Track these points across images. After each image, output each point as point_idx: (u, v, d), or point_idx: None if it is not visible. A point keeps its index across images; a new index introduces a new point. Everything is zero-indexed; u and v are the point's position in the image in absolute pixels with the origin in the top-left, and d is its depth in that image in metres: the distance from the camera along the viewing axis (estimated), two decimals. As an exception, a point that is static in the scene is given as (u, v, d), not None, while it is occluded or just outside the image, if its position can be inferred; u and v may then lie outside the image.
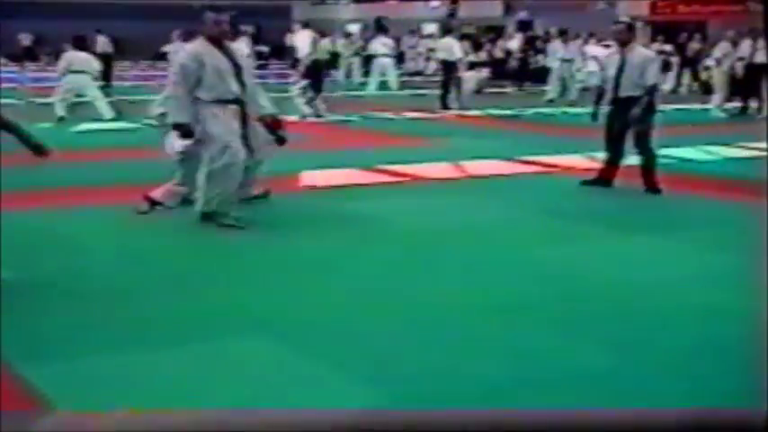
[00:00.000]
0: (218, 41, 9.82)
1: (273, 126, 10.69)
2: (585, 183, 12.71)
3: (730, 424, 5.14)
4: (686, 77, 33.05)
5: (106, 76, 31.54)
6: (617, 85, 12.11)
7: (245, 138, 9.88)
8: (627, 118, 11.99)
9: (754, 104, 23.84)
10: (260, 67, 39.26)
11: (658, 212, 11.44)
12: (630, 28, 12.65)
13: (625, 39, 12.29)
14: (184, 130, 9.68)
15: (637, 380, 6.01)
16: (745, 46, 24.60)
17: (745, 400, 5.56)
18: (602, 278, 8.42)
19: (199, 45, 9.94)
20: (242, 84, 9.91)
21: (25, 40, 47.22)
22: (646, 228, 10.41)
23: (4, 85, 28.45)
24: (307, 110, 21.27)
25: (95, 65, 21.78)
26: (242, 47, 11.78)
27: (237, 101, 9.85)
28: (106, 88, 26.91)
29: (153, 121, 12.18)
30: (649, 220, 10.93)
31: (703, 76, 30.73)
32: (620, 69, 12.07)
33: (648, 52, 13.62)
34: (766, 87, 23.41)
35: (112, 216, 10.48)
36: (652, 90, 12.22)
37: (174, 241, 9.71)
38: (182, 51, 10.44)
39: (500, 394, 5.71)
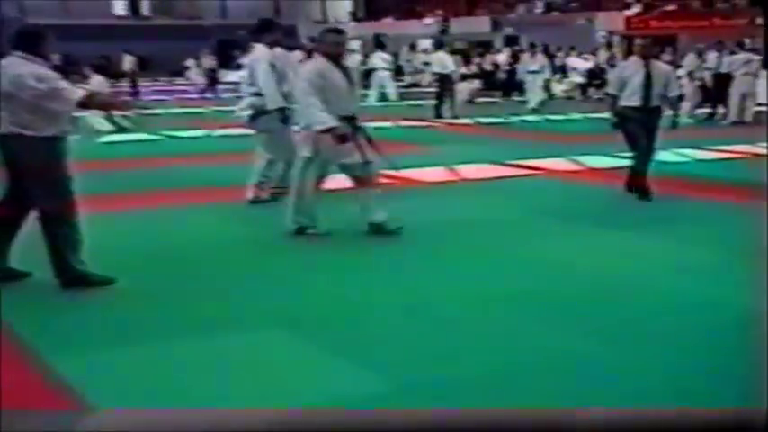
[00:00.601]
0: (336, 60, 9.50)
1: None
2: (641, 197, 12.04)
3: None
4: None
5: (134, 91, 31.73)
6: (647, 96, 11.79)
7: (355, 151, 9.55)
8: (648, 124, 11.79)
9: (721, 111, 23.83)
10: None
11: (640, 211, 11.38)
12: (655, 43, 12.53)
13: (648, 53, 12.07)
14: (339, 133, 9.22)
15: (620, 365, 5.98)
16: (712, 57, 24.72)
17: (724, 382, 5.59)
18: (587, 271, 8.38)
19: (320, 63, 9.56)
20: (355, 99, 9.68)
21: (55, 60, 47.24)
22: (628, 225, 10.36)
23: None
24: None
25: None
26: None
27: (351, 116, 9.50)
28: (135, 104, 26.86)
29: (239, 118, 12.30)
30: (631, 217, 10.89)
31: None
32: (648, 81, 11.78)
33: (667, 66, 13.26)
34: (732, 95, 23.41)
35: (153, 217, 10.60)
36: (676, 101, 12.14)
37: (199, 239, 9.67)
38: (307, 66, 9.97)
39: (494, 379, 5.73)
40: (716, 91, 23.64)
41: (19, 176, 7.50)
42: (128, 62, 35.62)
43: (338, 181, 10.13)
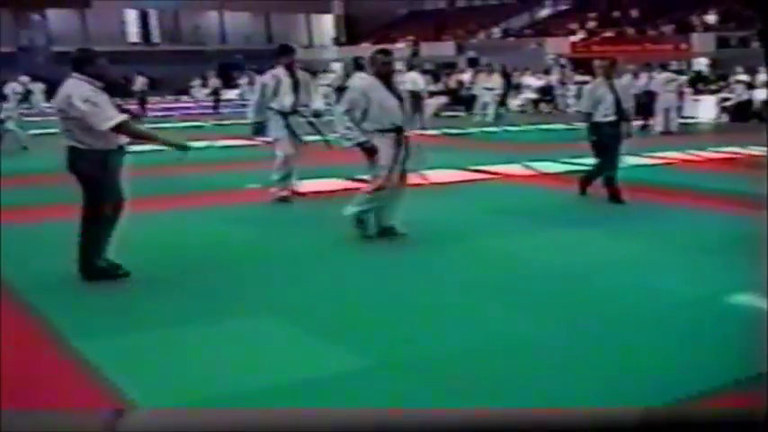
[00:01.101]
0: (385, 78, 9.32)
1: None
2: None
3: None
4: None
5: (143, 108, 31.61)
6: (619, 110, 11.65)
7: (402, 161, 9.38)
8: (618, 137, 11.70)
9: (651, 122, 23.97)
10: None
11: (586, 210, 11.41)
12: (613, 64, 12.35)
13: (610, 73, 11.95)
14: (368, 147, 9.12)
15: (570, 346, 6.00)
16: (644, 77, 24.89)
17: (670, 358, 5.63)
18: (541, 263, 8.40)
19: (367, 82, 9.53)
20: (404, 113, 9.37)
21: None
22: (577, 222, 10.38)
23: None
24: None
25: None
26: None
27: (398, 129, 9.27)
28: (142, 118, 26.69)
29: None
30: (579, 216, 10.91)
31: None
32: (617, 97, 11.67)
33: (624, 82, 13.22)
34: (656, 110, 24.00)
35: (162, 219, 10.57)
36: (629, 114, 12.02)
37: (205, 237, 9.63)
38: (353, 85, 10.04)
39: (460, 359, 5.72)
40: (646, 106, 23.75)
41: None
42: (139, 83, 35.60)
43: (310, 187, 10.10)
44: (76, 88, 7.37)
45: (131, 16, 57.11)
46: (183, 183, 12.86)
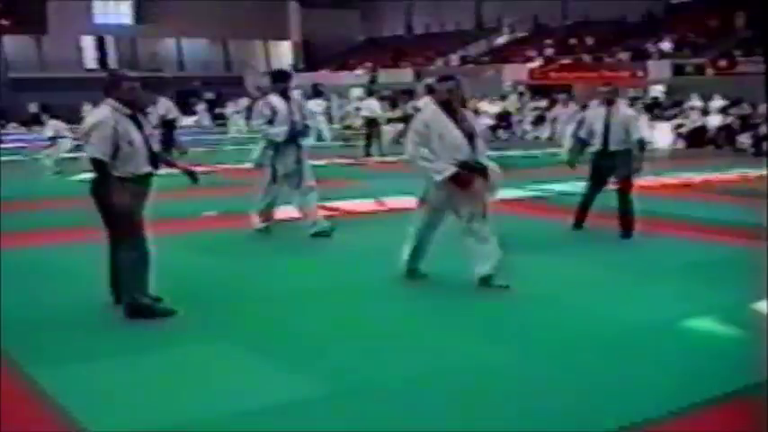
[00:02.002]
0: (448, 106, 8.31)
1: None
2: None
3: None
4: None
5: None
6: (605, 140, 11.16)
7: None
8: (613, 169, 11.16)
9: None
10: (221, 125, 39.16)
11: (544, 236, 11.48)
12: (616, 90, 11.68)
13: (611, 98, 11.36)
14: (464, 178, 8.19)
15: (529, 370, 6.04)
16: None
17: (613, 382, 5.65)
18: (494, 288, 8.36)
19: (429, 113, 8.41)
20: (473, 147, 8.35)
21: (33, 108, 46.58)
22: (535, 248, 10.41)
23: (15, 144, 28.33)
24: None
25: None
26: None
27: (465, 164, 8.23)
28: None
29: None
30: (537, 241, 10.95)
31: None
32: (607, 126, 11.15)
33: (631, 111, 12.30)
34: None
35: None
36: (641, 144, 11.35)
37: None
38: (419, 116, 8.86)
39: (419, 384, 5.72)
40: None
41: None
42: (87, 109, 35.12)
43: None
44: (94, 114, 7.27)
45: (88, 42, 56.80)
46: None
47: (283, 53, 63.68)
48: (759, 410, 5.31)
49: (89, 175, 7.38)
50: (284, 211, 11.77)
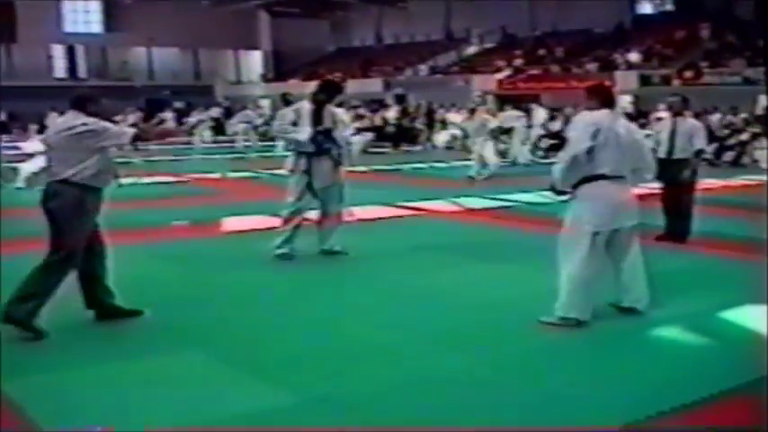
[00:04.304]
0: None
1: None
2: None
3: None
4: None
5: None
6: (671, 149, 11.38)
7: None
8: (677, 174, 11.20)
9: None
10: (189, 134, 38.95)
11: (510, 244, 11.54)
12: (684, 100, 11.84)
13: (678, 109, 11.63)
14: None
15: (496, 377, 6.10)
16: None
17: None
18: (466, 296, 8.48)
19: (599, 114, 7.44)
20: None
21: (1, 116, 46.30)
22: (500, 257, 10.49)
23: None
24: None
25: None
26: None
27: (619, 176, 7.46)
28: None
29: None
30: (503, 250, 11.01)
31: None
32: (672, 135, 11.38)
33: (697, 122, 12.35)
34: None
35: None
36: (698, 154, 11.56)
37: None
38: (579, 122, 7.62)
39: (387, 394, 5.78)
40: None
41: None
42: (52, 118, 34.62)
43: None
44: (79, 118, 7.11)
45: (58, 51, 56.52)
46: (108, 220, 12.73)
47: (253, 63, 63.62)
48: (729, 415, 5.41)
49: (42, 186, 7.31)
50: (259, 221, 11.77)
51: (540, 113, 29.91)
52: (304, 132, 10.27)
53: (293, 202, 10.40)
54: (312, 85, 10.96)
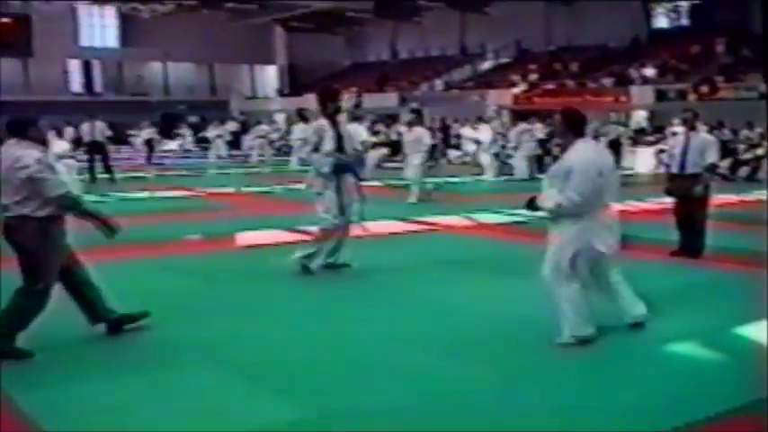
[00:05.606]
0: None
1: None
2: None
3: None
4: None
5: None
6: (683, 164, 11.38)
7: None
8: (690, 192, 11.18)
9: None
10: (204, 149, 39.08)
11: (524, 260, 11.42)
12: (695, 115, 11.78)
13: (692, 124, 11.56)
14: None
15: (502, 394, 6.06)
16: (591, 128, 25.36)
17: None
18: (481, 312, 8.46)
19: (593, 152, 7.63)
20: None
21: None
22: (514, 272, 10.40)
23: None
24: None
25: None
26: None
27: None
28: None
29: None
30: (517, 266, 10.90)
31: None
32: (685, 149, 11.37)
33: (709, 136, 12.34)
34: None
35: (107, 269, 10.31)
36: (711, 169, 11.49)
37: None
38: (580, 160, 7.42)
39: (402, 409, 5.75)
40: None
41: None
42: (68, 133, 34.83)
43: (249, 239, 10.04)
44: (24, 151, 6.89)
45: (74, 66, 56.85)
46: (122, 234, 12.76)
47: (269, 77, 63.87)
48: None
49: (7, 213, 6.97)
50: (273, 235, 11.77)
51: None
52: (326, 165, 10.24)
53: (335, 215, 10.40)
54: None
